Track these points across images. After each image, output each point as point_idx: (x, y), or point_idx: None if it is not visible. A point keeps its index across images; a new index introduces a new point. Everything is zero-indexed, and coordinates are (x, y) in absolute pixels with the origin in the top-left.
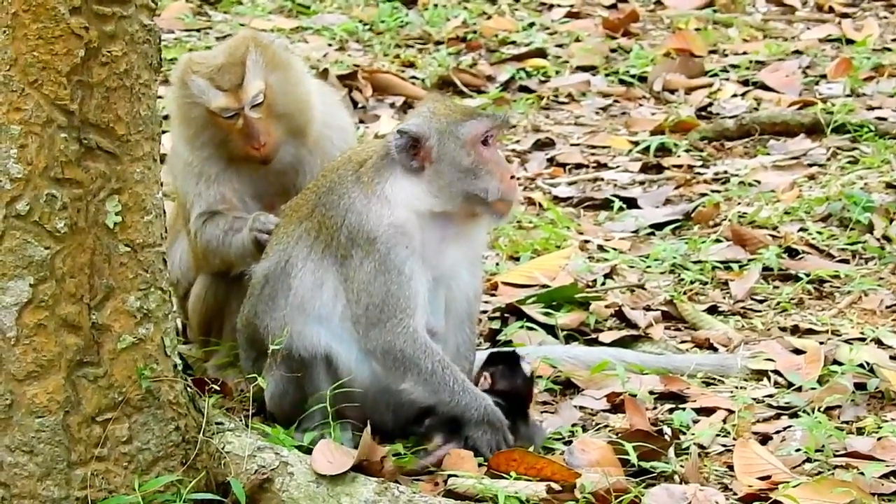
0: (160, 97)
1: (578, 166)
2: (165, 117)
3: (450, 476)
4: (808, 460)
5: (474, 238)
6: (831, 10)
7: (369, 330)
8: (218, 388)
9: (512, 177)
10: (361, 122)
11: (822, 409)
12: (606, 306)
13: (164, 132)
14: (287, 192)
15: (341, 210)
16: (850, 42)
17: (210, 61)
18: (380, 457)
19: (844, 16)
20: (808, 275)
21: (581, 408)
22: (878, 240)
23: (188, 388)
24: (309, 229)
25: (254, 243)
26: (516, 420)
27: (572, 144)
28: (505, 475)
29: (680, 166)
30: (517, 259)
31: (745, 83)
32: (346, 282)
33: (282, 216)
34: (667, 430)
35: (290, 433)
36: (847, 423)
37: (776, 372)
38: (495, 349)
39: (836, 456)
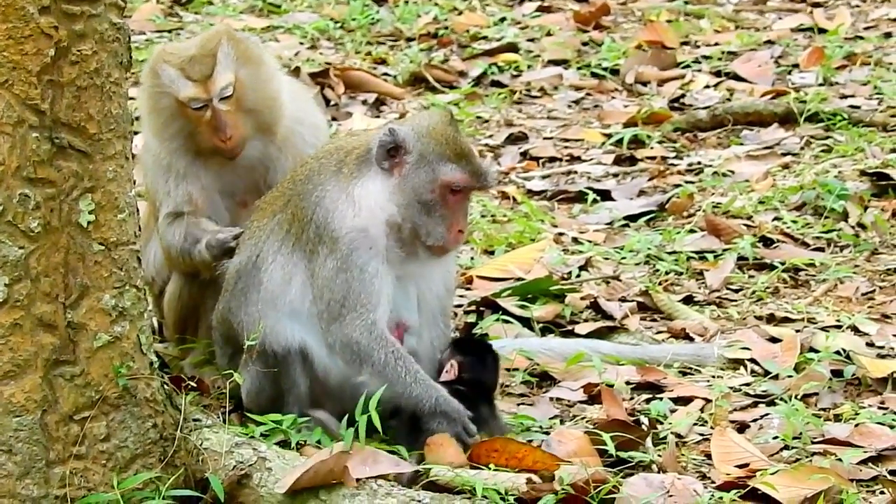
0: (132, 98)
1: (552, 160)
2: (137, 118)
3: (428, 468)
4: (786, 448)
5: None
6: None
7: (330, 324)
8: (195, 386)
9: (461, 231)
10: (334, 119)
11: (799, 397)
12: (582, 298)
13: (135, 133)
14: (257, 189)
15: (312, 203)
16: (822, 31)
17: (182, 52)
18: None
19: (816, 5)
20: (783, 263)
21: (558, 399)
22: (852, 227)
23: (165, 386)
24: (281, 222)
25: (211, 257)
26: (483, 409)
27: (545, 138)
28: (485, 466)
29: (653, 158)
30: (492, 253)
31: (718, 74)
32: (311, 277)
33: (256, 210)
34: (644, 419)
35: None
36: (824, 410)
37: (753, 360)
38: (462, 336)
39: (813, 443)
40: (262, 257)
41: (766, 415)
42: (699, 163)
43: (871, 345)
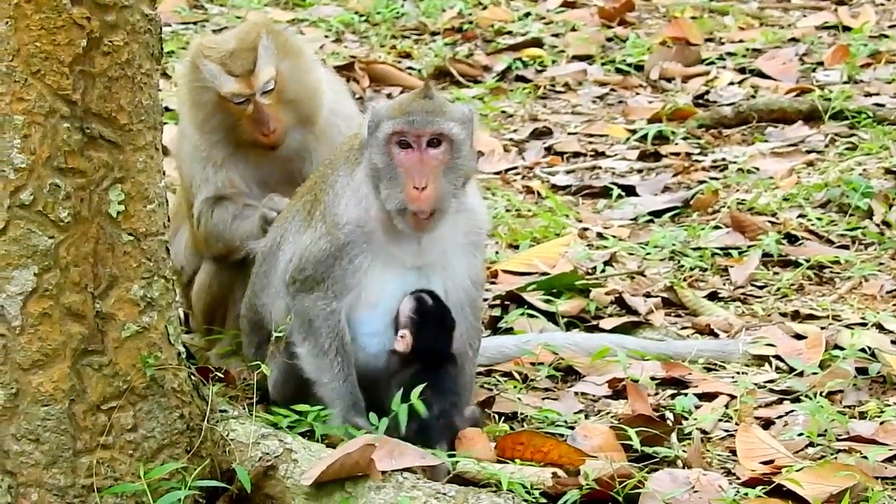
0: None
1: (576, 155)
2: (167, 109)
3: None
4: (811, 444)
5: (463, 224)
6: None
7: (298, 293)
8: (222, 377)
9: (417, 188)
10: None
11: (824, 394)
12: (606, 293)
13: (164, 124)
14: (293, 180)
15: (328, 185)
16: (846, 29)
17: (222, 46)
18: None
19: (841, 3)
20: (807, 260)
21: (583, 394)
22: (877, 225)
23: (192, 377)
24: (305, 203)
25: (261, 220)
26: (443, 382)
27: (570, 133)
28: (510, 460)
29: (678, 154)
30: (516, 247)
31: (742, 71)
32: (299, 245)
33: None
34: (669, 415)
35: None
36: (849, 407)
37: (777, 357)
38: (416, 294)
39: (838, 440)
40: (284, 237)
41: (791, 411)
42: (724, 159)
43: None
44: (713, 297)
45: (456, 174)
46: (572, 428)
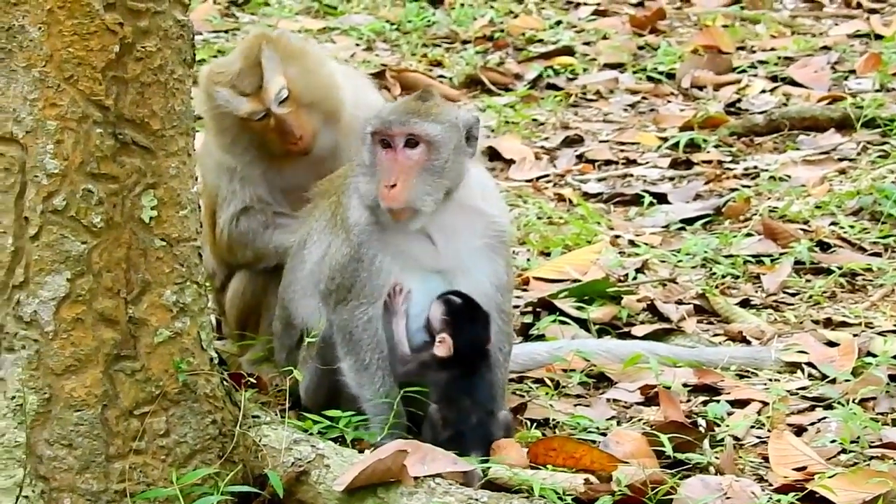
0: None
1: (608, 163)
2: (199, 117)
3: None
4: (844, 451)
5: (481, 228)
6: (859, 5)
7: (337, 305)
8: (254, 382)
9: (388, 186)
10: None
11: (856, 401)
12: (638, 300)
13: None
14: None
15: (347, 185)
16: (878, 37)
17: (228, 69)
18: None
19: (872, 11)
20: (840, 268)
21: (615, 401)
22: None
23: (224, 382)
24: (331, 203)
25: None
26: (478, 385)
27: (601, 141)
28: (543, 466)
29: (709, 162)
30: (548, 254)
31: (774, 79)
32: (325, 256)
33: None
34: (701, 422)
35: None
36: (882, 414)
37: (810, 364)
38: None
39: (871, 447)
40: (309, 234)
41: (824, 418)
42: (755, 167)
43: None
44: (745, 304)
45: (434, 175)
46: (604, 434)
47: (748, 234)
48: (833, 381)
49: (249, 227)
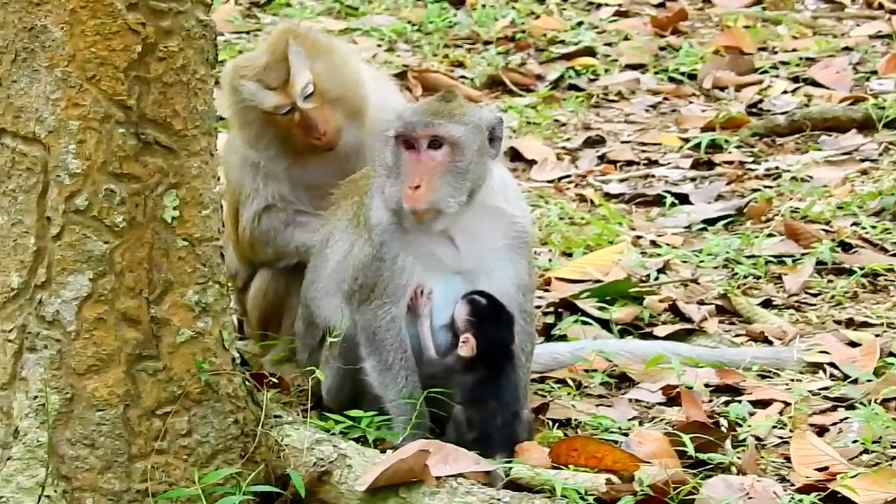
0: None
1: (629, 163)
2: (221, 118)
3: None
4: (866, 451)
5: (503, 229)
6: (881, 6)
7: (361, 304)
8: (276, 382)
9: (411, 187)
10: None
11: (878, 401)
12: (660, 301)
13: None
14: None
15: (369, 185)
16: None
17: (254, 63)
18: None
19: (894, 12)
20: (861, 268)
21: (636, 401)
22: None
23: (246, 382)
24: (353, 203)
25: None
26: (503, 387)
27: (623, 142)
28: (564, 466)
29: (731, 162)
30: (570, 255)
31: (796, 80)
32: (347, 256)
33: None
34: (723, 422)
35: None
36: None
37: (832, 364)
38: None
39: (893, 447)
40: (332, 235)
41: (846, 418)
42: (777, 168)
43: None
44: (767, 304)
45: (458, 177)
46: (626, 434)
47: (770, 235)
48: (855, 382)
49: (271, 225)
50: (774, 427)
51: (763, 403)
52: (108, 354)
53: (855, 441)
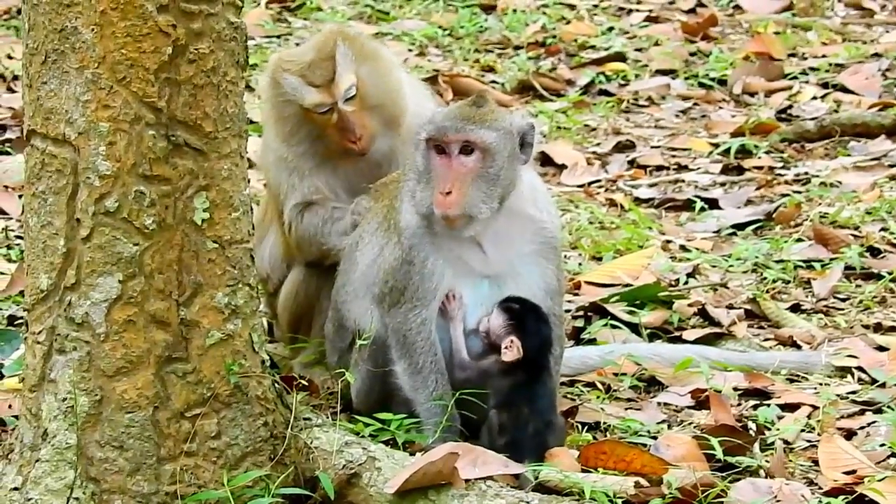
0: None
1: (659, 168)
2: (251, 121)
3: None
4: (893, 455)
5: (531, 233)
6: None
7: (391, 308)
8: (305, 385)
9: (443, 193)
10: None
11: None
12: (689, 305)
13: (249, 134)
14: None
15: (399, 189)
16: None
17: (300, 58)
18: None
19: None
20: (890, 273)
21: (665, 404)
22: None
23: (276, 384)
24: (383, 206)
25: (352, 226)
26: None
27: (653, 147)
28: (593, 469)
29: (760, 168)
30: (600, 259)
31: (825, 86)
32: (377, 259)
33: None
34: (752, 425)
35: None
36: None
37: (860, 368)
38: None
39: None
40: (362, 237)
41: (874, 422)
42: (806, 173)
43: None
44: (796, 309)
45: (489, 182)
46: (655, 438)
47: (799, 240)
48: (883, 386)
49: (311, 222)
50: (802, 431)
51: (791, 407)
52: (138, 356)
53: (882, 445)
